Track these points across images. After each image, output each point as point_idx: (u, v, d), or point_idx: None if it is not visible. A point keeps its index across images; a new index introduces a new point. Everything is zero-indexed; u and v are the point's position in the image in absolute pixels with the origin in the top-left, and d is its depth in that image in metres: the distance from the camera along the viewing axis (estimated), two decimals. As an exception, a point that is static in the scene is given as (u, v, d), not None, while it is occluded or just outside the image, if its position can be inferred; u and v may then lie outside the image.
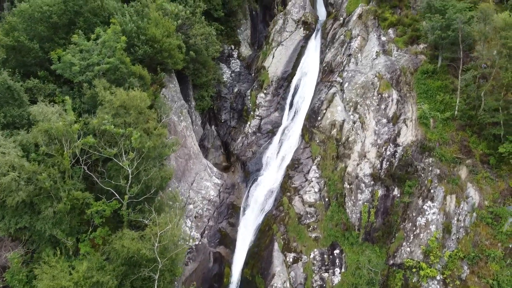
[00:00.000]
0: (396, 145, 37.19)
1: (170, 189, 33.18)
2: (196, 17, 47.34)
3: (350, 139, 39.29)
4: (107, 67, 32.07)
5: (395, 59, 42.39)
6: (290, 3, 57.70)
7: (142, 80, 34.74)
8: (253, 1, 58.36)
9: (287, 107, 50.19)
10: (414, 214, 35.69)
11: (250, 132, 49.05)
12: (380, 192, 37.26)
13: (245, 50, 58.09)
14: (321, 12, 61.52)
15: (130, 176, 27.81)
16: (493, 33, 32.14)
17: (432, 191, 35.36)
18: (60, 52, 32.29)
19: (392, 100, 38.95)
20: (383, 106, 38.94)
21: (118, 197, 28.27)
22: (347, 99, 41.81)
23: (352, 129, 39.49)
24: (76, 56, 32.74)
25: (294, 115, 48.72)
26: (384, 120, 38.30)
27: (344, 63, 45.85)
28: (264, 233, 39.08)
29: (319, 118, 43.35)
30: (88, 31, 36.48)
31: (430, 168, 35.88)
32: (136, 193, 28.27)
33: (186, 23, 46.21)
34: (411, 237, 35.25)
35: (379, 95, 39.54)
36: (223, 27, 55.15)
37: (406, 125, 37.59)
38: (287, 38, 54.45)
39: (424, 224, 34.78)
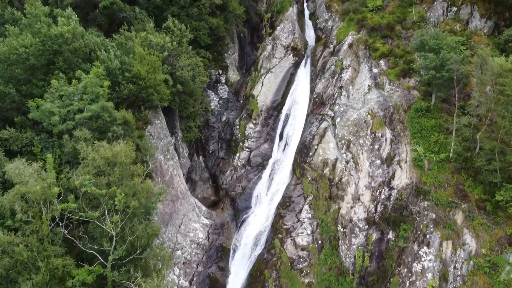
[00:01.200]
0: (391, 188, 36.22)
1: (158, 241, 31.52)
2: (182, 47, 45.64)
3: (343, 179, 38.18)
4: (89, 115, 30.25)
5: (387, 94, 41.49)
6: (278, 27, 56.42)
7: (127, 125, 32.96)
8: (241, 24, 56.76)
9: (277, 138, 48.90)
10: (409, 260, 34.75)
11: (239, 165, 47.60)
12: (374, 236, 36.25)
13: (233, 75, 56.57)
14: (310, 35, 60.35)
15: (115, 238, 26.10)
16: (490, 79, 31.34)
17: (428, 236, 34.48)
18: (39, 101, 30.32)
19: (385, 140, 37.98)
20: (376, 146, 37.94)
21: (101, 259, 26.52)
22: (339, 136, 40.72)
23: (345, 169, 38.39)
24: (55, 102, 30.81)
25: (285, 147, 47.48)
26: (378, 161, 37.30)
27: (336, 95, 44.79)
28: (255, 279, 37.69)
29: (310, 153, 42.18)
30: (68, 71, 34.59)
31: (426, 212, 35.02)
32: (121, 254, 26.56)
33: (172, 54, 44.48)
34: (407, 284, 34.31)
35: (373, 134, 38.53)
36: (210, 53, 53.47)
37: (401, 167, 36.66)
38: (276, 65, 53.16)
39: (420, 271, 33.86)
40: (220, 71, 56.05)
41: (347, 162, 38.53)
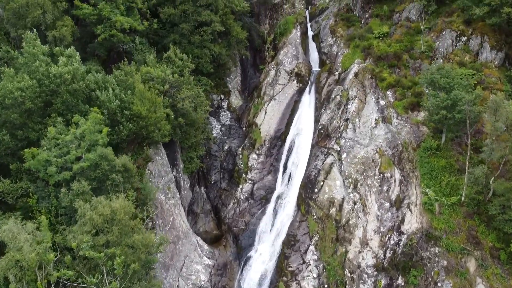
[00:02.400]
0: (400, 233, 34.93)
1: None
2: (184, 77, 44.32)
3: (350, 222, 36.89)
4: (87, 165, 28.97)
5: (396, 130, 40.20)
6: (282, 52, 55.14)
7: (127, 172, 31.67)
8: (243, 48, 55.43)
9: (280, 169, 47.60)
10: (420, 308, 33.50)
11: (242, 198, 46.31)
12: (383, 282, 34.97)
13: (236, 100, 55.24)
14: (314, 57, 59.04)
15: (114, 303, 24.82)
16: (504, 125, 30.06)
17: (439, 284, 33.21)
18: (34, 150, 29.02)
19: (394, 181, 36.70)
20: (385, 188, 36.65)
21: (101, 323, 25.23)
22: (346, 173, 39.42)
23: (353, 210, 37.10)
24: (52, 150, 29.53)
25: (289, 180, 46.19)
26: (387, 204, 36.01)
27: (342, 128, 43.51)
28: (260, 325, 36.42)
29: (316, 190, 40.90)
30: (66, 112, 33.33)
31: (437, 259, 33.74)
32: (120, 317, 25.28)
33: (173, 85, 43.18)
34: (417, 334, 33.06)
35: (381, 175, 37.23)
36: (212, 80, 52.12)
37: (411, 210, 35.37)
38: (279, 91, 51.87)
39: (431, 321, 32.61)
40: (222, 96, 54.76)
41: (355, 203, 37.23)
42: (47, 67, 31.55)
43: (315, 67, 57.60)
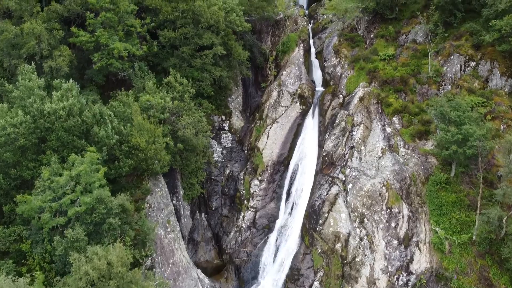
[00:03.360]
0: (409, 273, 33.64)
1: None
2: (184, 103, 43.02)
3: (357, 259, 35.59)
4: (83, 210, 27.68)
5: (403, 161, 38.91)
6: (284, 72, 53.84)
7: (124, 212, 30.40)
8: (245, 69, 54.07)
9: (283, 196, 46.35)
10: None
11: (244, 226, 45.02)
12: (391, 323, 33.67)
13: (237, 121, 53.90)
14: (317, 75, 57.71)
15: None
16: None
17: (449, 328, 31.92)
18: (27, 197, 27.73)
19: (402, 217, 35.41)
20: (393, 224, 35.36)
21: None
22: (352, 206, 38.13)
23: (359, 247, 35.80)
24: (46, 193, 28.23)
25: (292, 209, 44.92)
26: (395, 242, 34.70)
27: (347, 156, 42.22)
28: None
29: (320, 221, 39.61)
30: (62, 149, 32.04)
31: (447, 301, 32.46)
32: None
33: (173, 111, 41.91)
34: None
35: (388, 210, 35.94)
36: (213, 102, 50.79)
37: (420, 249, 34.08)
38: (282, 114, 50.58)
39: None
40: (223, 117, 53.44)
41: (361, 239, 35.94)
42: (42, 104, 30.19)
43: (318, 86, 56.38)
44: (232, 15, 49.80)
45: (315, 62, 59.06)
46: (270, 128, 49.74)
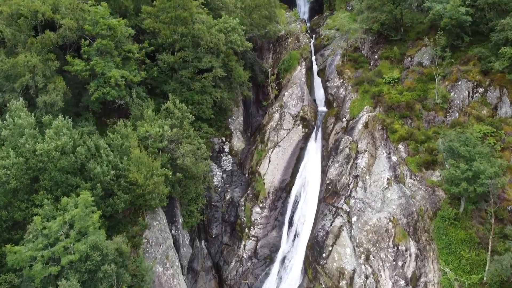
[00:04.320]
0: (417, 316, 32.35)
1: None
2: (184, 130, 41.72)
3: (363, 299, 34.30)
4: (77, 258, 26.37)
5: (410, 194, 37.60)
6: (286, 93, 52.55)
7: (121, 256, 29.10)
8: (246, 89, 52.76)
9: (286, 224, 45.04)
10: None
11: (245, 256, 43.71)
12: None
13: (238, 142, 52.55)
14: (319, 94, 56.51)
15: None
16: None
17: None
18: (16, 248, 26.37)
19: (410, 255, 34.10)
20: (400, 263, 34.05)
21: None
22: (357, 241, 36.81)
23: (365, 286, 34.48)
24: (39, 239, 26.92)
25: (295, 238, 43.62)
26: (402, 282, 33.39)
27: (351, 186, 40.90)
28: None
29: (324, 254, 38.28)
30: (55, 188, 30.75)
31: None
32: None
33: (172, 139, 40.60)
34: None
35: (395, 247, 34.63)
36: (213, 125, 49.49)
37: (428, 290, 32.78)
38: (284, 137, 49.28)
39: None
40: (224, 139, 52.10)
41: (367, 278, 34.63)
42: (33, 144, 28.89)
43: (321, 106, 55.13)
44: (233, 35, 48.51)
45: (317, 80, 57.79)
46: (272, 152, 48.44)
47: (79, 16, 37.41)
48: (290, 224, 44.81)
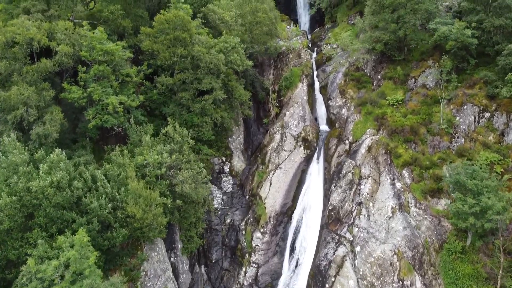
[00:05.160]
0: None
1: None
2: (183, 155, 40.75)
3: (367, 336, 33.38)
4: (72, 303, 25.47)
5: (415, 224, 36.68)
6: (288, 113, 51.62)
7: (118, 296, 28.23)
8: (246, 108, 51.77)
9: (287, 250, 44.06)
10: None
11: (245, 284, 42.74)
12: None
13: (238, 162, 51.59)
14: (321, 112, 55.51)
15: None
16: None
17: None
18: (10, 294, 25.57)
19: (416, 291, 33.17)
20: (405, 299, 33.13)
21: None
22: (361, 272, 35.88)
23: (369, 322, 33.58)
24: (33, 283, 25.98)
25: (297, 265, 42.64)
26: (408, 320, 32.49)
27: (354, 213, 39.97)
28: None
29: (327, 285, 37.32)
30: (50, 224, 29.82)
31: None
32: None
33: (172, 165, 39.65)
34: None
35: (400, 282, 33.69)
36: (213, 144, 48.55)
37: (434, 328, 31.86)
38: (285, 159, 48.34)
39: None
40: (224, 159, 51.17)
41: (371, 313, 33.70)
42: (27, 182, 27.97)
43: (323, 124, 54.23)
44: (233, 55, 47.57)
45: (319, 97, 56.85)
46: (273, 174, 47.50)
47: (75, 41, 36.46)
48: (292, 250, 43.86)
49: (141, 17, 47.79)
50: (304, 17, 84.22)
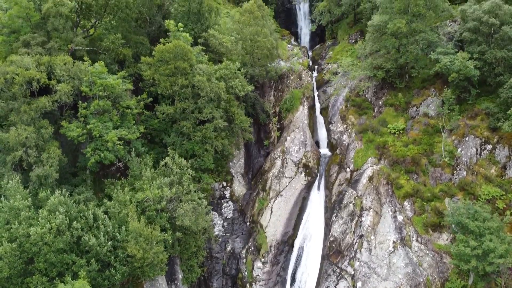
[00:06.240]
0: None
1: None
2: (183, 186, 40.61)
3: None
4: None
5: (416, 261, 36.53)
6: (288, 138, 51.44)
7: None
8: (247, 133, 51.51)
9: (288, 281, 43.99)
10: None
11: (246, 315, 42.66)
12: None
13: (239, 187, 51.37)
14: (322, 135, 55.34)
15: None
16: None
17: None
18: None
19: (417, 332, 33.04)
20: None
21: None
22: (362, 309, 35.78)
23: None
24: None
25: (298, 296, 42.58)
26: None
27: (355, 246, 39.83)
28: None
29: (328, 320, 37.25)
30: (51, 269, 29.70)
31: None
32: None
33: (173, 198, 39.50)
34: None
35: (402, 322, 33.58)
36: (214, 171, 48.39)
37: None
38: (286, 186, 48.17)
39: None
40: (224, 184, 50.94)
41: None
42: (27, 228, 27.85)
43: (324, 147, 54.09)
44: (234, 81, 47.41)
45: (320, 119, 56.66)
46: (274, 202, 47.34)
47: (75, 75, 36.29)
48: (293, 280, 43.77)
49: (142, 44, 47.60)
50: (305, 29, 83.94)
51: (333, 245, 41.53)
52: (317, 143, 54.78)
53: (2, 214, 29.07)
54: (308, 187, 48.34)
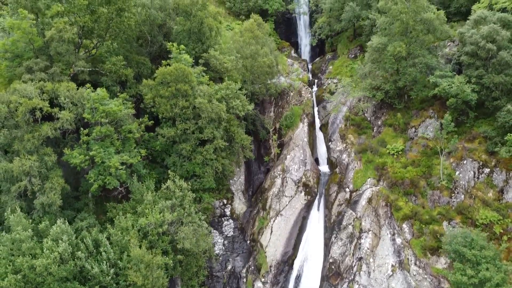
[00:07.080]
0: None
1: None
2: (184, 209, 41.09)
3: None
4: None
5: (414, 285, 37.02)
6: (288, 156, 51.87)
7: None
8: (248, 151, 51.94)
9: (288, 301, 44.48)
10: None
11: (247, 337, 43.13)
12: None
13: (239, 205, 51.81)
14: (321, 151, 55.68)
15: None
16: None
17: None
18: None
19: None
20: None
21: None
22: (361, 334, 36.24)
23: None
24: None
25: (297, 318, 43.05)
26: None
27: (355, 269, 40.31)
28: None
29: None
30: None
31: None
32: None
33: (174, 221, 39.98)
34: None
35: None
36: (214, 190, 48.86)
37: None
38: (286, 205, 48.61)
39: None
40: (225, 201, 51.41)
41: None
42: (31, 259, 28.33)
43: (323, 165, 54.51)
44: (234, 101, 47.85)
45: (319, 136, 57.05)
46: (274, 221, 47.79)
47: (77, 101, 36.78)
48: (293, 301, 44.25)
49: (143, 64, 48.11)
50: (305, 40, 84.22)
51: (333, 266, 42.01)
52: (316, 160, 55.21)
53: (4, 247, 29.54)
54: (308, 207, 48.79)
